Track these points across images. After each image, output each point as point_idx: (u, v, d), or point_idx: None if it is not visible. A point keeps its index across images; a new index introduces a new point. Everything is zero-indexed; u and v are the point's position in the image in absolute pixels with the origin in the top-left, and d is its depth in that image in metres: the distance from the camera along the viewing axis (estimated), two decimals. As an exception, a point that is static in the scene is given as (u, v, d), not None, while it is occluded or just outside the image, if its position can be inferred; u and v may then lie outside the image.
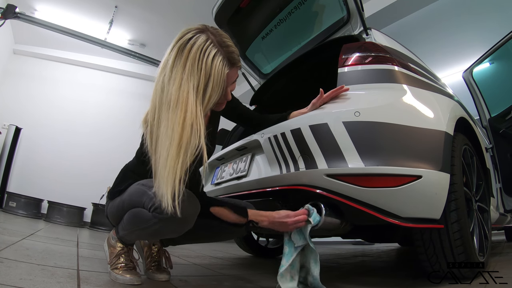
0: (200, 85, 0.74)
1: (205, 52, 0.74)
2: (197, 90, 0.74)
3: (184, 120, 0.71)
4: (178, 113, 0.72)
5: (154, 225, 0.83)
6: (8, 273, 0.85)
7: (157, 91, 0.78)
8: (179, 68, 0.74)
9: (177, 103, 0.72)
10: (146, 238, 0.99)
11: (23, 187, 3.85)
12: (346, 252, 3.21)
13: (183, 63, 0.74)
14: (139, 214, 0.87)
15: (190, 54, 0.74)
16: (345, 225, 1.10)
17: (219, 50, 0.77)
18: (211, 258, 2.02)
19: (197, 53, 0.74)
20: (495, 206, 1.91)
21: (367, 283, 1.34)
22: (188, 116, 0.72)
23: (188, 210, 0.81)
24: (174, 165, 0.71)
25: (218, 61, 0.75)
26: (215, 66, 0.75)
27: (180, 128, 0.71)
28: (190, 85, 0.73)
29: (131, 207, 0.91)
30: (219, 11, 1.82)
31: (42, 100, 4.42)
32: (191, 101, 0.72)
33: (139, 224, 0.88)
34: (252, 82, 2.35)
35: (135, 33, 4.22)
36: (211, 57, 0.75)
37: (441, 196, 0.99)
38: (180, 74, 0.73)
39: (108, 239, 1.07)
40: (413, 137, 1.02)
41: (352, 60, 1.16)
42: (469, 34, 3.78)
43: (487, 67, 2.59)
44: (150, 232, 0.87)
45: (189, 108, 0.72)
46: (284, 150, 1.13)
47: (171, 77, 0.74)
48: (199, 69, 0.74)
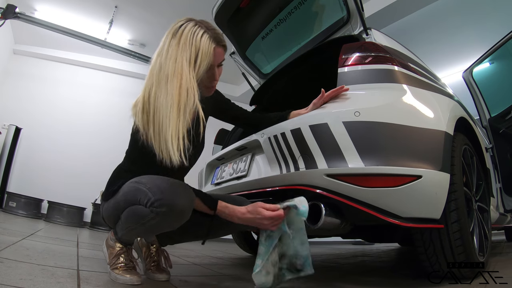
0: (191, 57, 0.87)
1: (195, 32, 0.89)
2: (189, 61, 0.87)
3: (181, 86, 0.84)
4: (175, 82, 0.84)
5: (152, 219, 0.84)
6: (8, 273, 0.85)
7: (153, 71, 0.89)
8: (174, 47, 0.88)
9: (174, 74, 0.85)
10: (145, 234, 0.99)
11: (23, 187, 3.85)
12: (346, 252, 3.21)
13: (177, 43, 0.88)
14: (137, 210, 0.88)
15: (183, 35, 0.88)
16: (345, 225, 1.10)
17: (206, 31, 0.91)
18: (211, 258, 2.02)
19: (188, 33, 0.88)
20: (495, 206, 1.91)
21: (367, 283, 1.34)
22: (184, 82, 0.84)
23: (182, 201, 0.84)
24: (176, 124, 0.81)
25: (205, 38, 0.89)
26: (203, 41, 0.88)
27: (178, 92, 0.83)
28: (183, 58, 0.86)
29: (127, 205, 0.91)
30: (219, 11, 1.82)
31: (42, 100, 4.42)
32: (185, 70, 0.85)
33: (138, 220, 0.88)
34: (252, 82, 2.36)
35: (135, 33, 4.22)
36: (200, 35, 0.89)
37: (441, 196, 0.99)
38: (175, 51, 0.87)
39: (106, 240, 1.07)
40: (413, 137, 1.02)
41: (352, 60, 1.16)
42: (469, 34, 3.78)
43: (487, 67, 2.59)
44: (148, 227, 0.88)
45: (184, 76, 0.85)
46: (284, 150, 1.13)
47: (167, 56, 0.87)
48: (190, 44, 0.87)
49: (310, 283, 1.29)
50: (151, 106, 0.85)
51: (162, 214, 0.82)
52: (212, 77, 0.97)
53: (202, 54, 0.88)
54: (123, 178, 0.98)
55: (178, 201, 0.82)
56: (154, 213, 0.83)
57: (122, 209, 0.94)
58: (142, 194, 0.85)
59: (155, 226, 0.87)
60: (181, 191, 0.85)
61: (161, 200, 0.81)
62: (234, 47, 2.13)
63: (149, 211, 0.83)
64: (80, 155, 4.34)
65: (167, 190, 0.83)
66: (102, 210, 1.06)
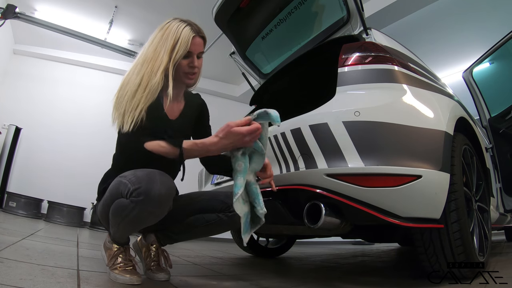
0: (170, 45, 0.96)
1: (178, 25, 0.98)
2: (167, 49, 0.96)
3: (152, 70, 0.94)
4: (149, 66, 0.95)
5: (133, 210, 0.85)
6: (8, 273, 0.85)
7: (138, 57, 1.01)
8: (158, 38, 0.98)
9: (150, 60, 0.96)
10: (132, 229, 0.98)
11: (23, 187, 3.85)
12: (346, 252, 3.21)
13: (161, 35, 0.98)
14: (119, 203, 0.89)
15: (167, 29, 0.98)
16: (345, 225, 1.10)
17: (188, 24, 1.00)
18: (211, 258, 2.02)
19: (172, 27, 0.98)
20: (495, 206, 1.91)
21: (367, 283, 1.34)
22: (156, 65, 0.95)
23: (159, 188, 0.83)
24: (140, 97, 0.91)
25: (186, 29, 0.98)
26: (184, 31, 0.97)
27: (148, 74, 0.94)
28: (162, 47, 0.96)
29: (113, 201, 0.92)
30: (219, 11, 1.82)
31: (42, 100, 4.41)
32: (160, 56, 0.95)
33: (121, 213, 0.89)
34: (252, 82, 2.36)
35: (135, 33, 4.22)
36: (182, 27, 0.98)
37: (441, 196, 0.99)
38: (157, 42, 0.98)
39: (104, 243, 1.09)
40: (413, 137, 1.02)
41: (352, 60, 1.16)
42: (469, 34, 3.78)
43: (487, 67, 2.59)
44: (132, 219, 0.88)
45: (158, 60, 0.95)
46: (284, 150, 1.13)
47: (150, 46, 0.99)
48: (172, 35, 0.97)
49: (310, 283, 1.29)
50: (123, 86, 0.96)
51: (141, 202, 0.83)
52: (192, 64, 1.01)
53: (181, 42, 0.96)
54: (112, 177, 0.99)
55: (155, 188, 0.83)
56: (133, 202, 0.84)
57: (109, 206, 0.94)
58: (123, 186, 0.87)
59: (138, 217, 0.87)
60: (159, 179, 0.85)
61: (139, 189, 0.83)
62: (234, 47, 2.13)
63: (129, 201, 0.85)
64: (80, 155, 4.33)
65: (144, 179, 0.84)
66: (97, 212, 1.08)
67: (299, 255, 2.70)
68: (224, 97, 5.26)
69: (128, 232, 1.00)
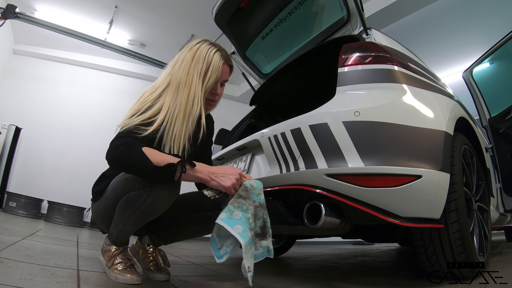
0: (202, 70, 0.97)
1: (209, 49, 1.00)
2: (200, 73, 0.97)
3: (188, 96, 0.95)
4: (185, 92, 0.95)
5: (147, 199, 0.88)
6: (8, 273, 0.85)
7: (166, 76, 1.01)
8: (188, 60, 0.98)
9: (185, 84, 0.96)
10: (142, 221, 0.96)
11: (23, 187, 3.85)
12: (346, 252, 3.21)
13: (191, 56, 0.99)
14: (130, 196, 0.91)
15: (198, 51, 0.99)
16: (345, 225, 1.10)
17: (218, 50, 1.02)
18: (211, 258, 2.02)
19: (203, 50, 0.99)
20: (495, 206, 1.91)
21: (367, 283, 1.34)
22: (191, 92, 0.96)
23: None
24: (180, 130, 0.93)
25: (218, 55, 1.00)
26: (215, 57, 0.99)
27: (185, 102, 0.95)
28: (195, 70, 0.97)
29: (119, 198, 0.93)
30: (219, 11, 1.82)
31: (42, 100, 4.41)
32: (194, 82, 0.96)
33: (133, 205, 0.90)
34: (252, 82, 2.36)
35: (135, 33, 4.22)
36: (213, 52, 1.00)
37: (441, 196, 0.99)
38: (189, 64, 0.98)
39: (101, 248, 1.09)
40: (413, 137, 1.02)
41: (352, 60, 1.16)
42: (469, 34, 3.78)
43: (487, 67, 2.59)
44: (145, 208, 0.90)
45: (193, 86, 0.96)
46: (284, 150, 1.13)
47: (181, 66, 0.98)
48: (203, 59, 0.98)
49: (310, 283, 1.29)
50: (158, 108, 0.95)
51: (155, 189, 0.87)
52: (214, 91, 1.04)
53: (213, 68, 0.98)
54: (108, 178, 1.00)
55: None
56: (147, 192, 0.87)
57: (114, 204, 0.95)
58: (133, 180, 0.90)
59: (151, 205, 0.89)
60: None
61: None
62: (234, 47, 2.13)
63: (142, 191, 0.87)
64: (80, 155, 4.33)
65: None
66: (93, 213, 1.09)
67: (299, 255, 2.70)
68: (224, 97, 5.18)
69: (136, 227, 0.99)
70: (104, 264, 1.05)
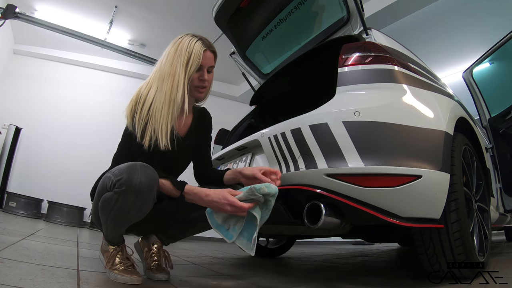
0: (184, 60, 1.01)
1: (190, 40, 1.04)
2: (183, 63, 1.01)
3: (172, 86, 1.00)
4: (169, 82, 1.01)
5: (116, 202, 0.86)
6: (8, 273, 0.85)
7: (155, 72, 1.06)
8: (172, 53, 1.04)
9: (169, 75, 1.01)
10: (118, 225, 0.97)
11: (23, 187, 3.84)
12: (346, 252, 3.21)
13: (175, 49, 1.04)
14: (104, 197, 0.90)
15: (180, 43, 1.04)
16: (345, 225, 1.10)
17: (200, 39, 1.06)
18: (211, 258, 2.02)
19: (185, 42, 1.04)
20: (495, 206, 1.91)
21: (367, 283, 1.34)
22: (175, 81, 1.01)
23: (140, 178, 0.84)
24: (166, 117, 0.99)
25: (199, 43, 1.04)
26: (196, 46, 1.03)
27: (169, 91, 1.00)
28: (178, 62, 1.02)
29: (100, 197, 0.92)
30: (219, 11, 1.82)
31: (42, 100, 4.41)
32: (177, 71, 1.01)
33: (106, 207, 0.89)
34: (252, 82, 2.36)
35: (135, 33, 4.21)
36: (194, 42, 1.04)
37: (441, 196, 0.99)
38: (172, 57, 1.03)
39: (101, 247, 1.09)
40: (413, 137, 1.02)
41: (352, 60, 1.16)
42: (469, 34, 3.78)
43: (487, 67, 2.59)
44: (117, 212, 0.88)
45: (176, 76, 1.01)
46: (284, 150, 1.13)
47: (166, 61, 1.04)
48: (185, 50, 1.02)
49: (310, 283, 1.29)
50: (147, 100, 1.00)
51: (123, 193, 0.84)
52: (202, 78, 1.06)
53: (194, 55, 1.02)
54: None
55: (136, 178, 0.83)
56: (116, 194, 0.85)
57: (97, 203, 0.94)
58: (107, 180, 0.89)
59: (122, 209, 0.87)
60: (141, 169, 0.86)
61: (121, 179, 0.84)
62: (234, 47, 2.13)
63: (112, 193, 0.86)
64: (80, 155, 4.33)
65: (126, 170, 0.85)
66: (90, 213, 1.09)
67: (299, 255, 2.70)
68: (224, 97, 5.25)
69: (116, 230, 0.99)
70: (103, 263, 1.06)
